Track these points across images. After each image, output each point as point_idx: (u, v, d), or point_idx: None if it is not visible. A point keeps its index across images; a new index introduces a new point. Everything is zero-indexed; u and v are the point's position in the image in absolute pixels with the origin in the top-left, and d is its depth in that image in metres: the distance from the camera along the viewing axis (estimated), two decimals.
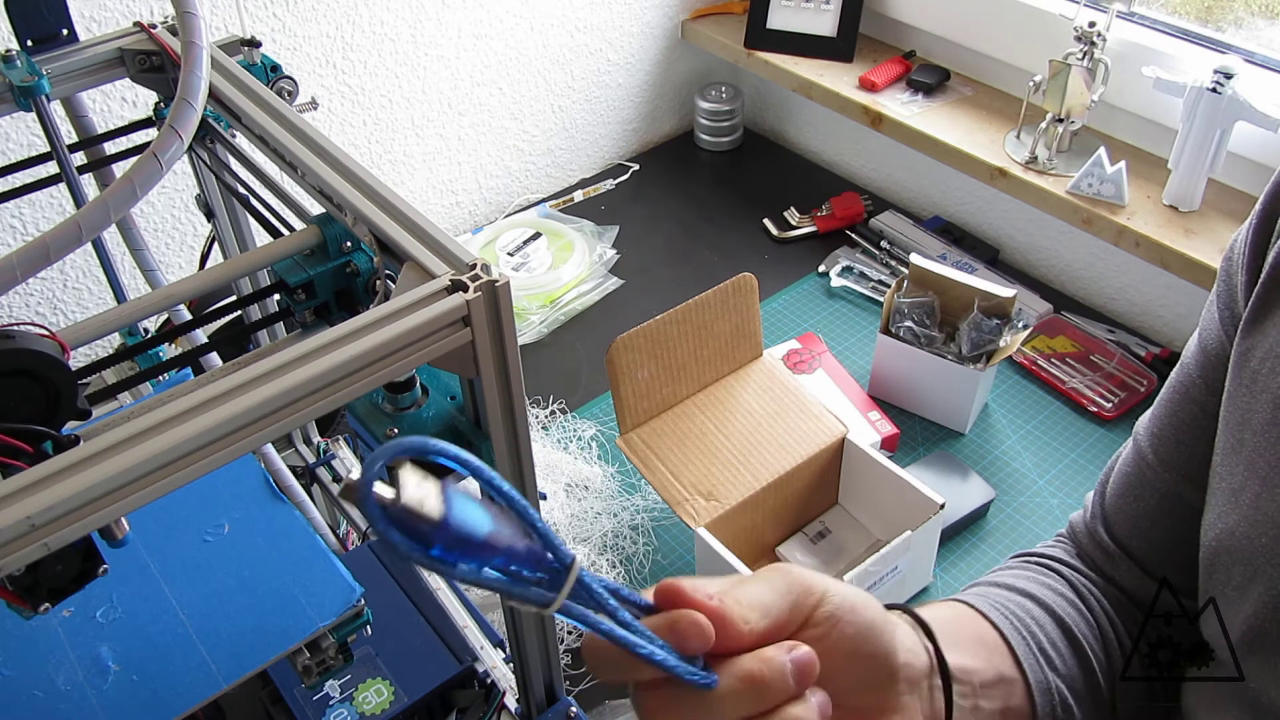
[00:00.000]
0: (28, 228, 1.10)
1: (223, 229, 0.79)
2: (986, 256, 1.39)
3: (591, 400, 1.22)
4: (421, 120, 1.38)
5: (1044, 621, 0.58)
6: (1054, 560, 0.65)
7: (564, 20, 1.46)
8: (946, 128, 1.31)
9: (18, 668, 0.58)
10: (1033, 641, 0.56)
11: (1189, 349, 0.59)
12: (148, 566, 0.62)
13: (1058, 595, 0.61)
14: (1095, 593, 0.62)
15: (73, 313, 1.18)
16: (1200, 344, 0.58)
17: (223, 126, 0.66)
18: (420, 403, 0.52)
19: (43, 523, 0.37)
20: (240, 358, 0.48)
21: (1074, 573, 0.64)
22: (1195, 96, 1.08)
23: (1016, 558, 0.68)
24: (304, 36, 1.21)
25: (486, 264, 0.47)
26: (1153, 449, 0.61)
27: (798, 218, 1.47)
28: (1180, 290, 1.23)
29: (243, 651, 0.59)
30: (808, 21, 1.46)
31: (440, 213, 1.49)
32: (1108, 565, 0.64)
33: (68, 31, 0.66)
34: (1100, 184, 1.17)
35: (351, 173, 0.54)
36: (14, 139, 1.05)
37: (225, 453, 0.41)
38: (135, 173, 0.54)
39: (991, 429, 1.16)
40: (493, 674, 0.73)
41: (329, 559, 0.63)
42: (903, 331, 1.12)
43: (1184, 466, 0.58)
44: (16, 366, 0.42)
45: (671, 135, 1.72)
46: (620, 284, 1.37)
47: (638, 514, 1.07)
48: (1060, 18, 1.22)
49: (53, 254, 0.50)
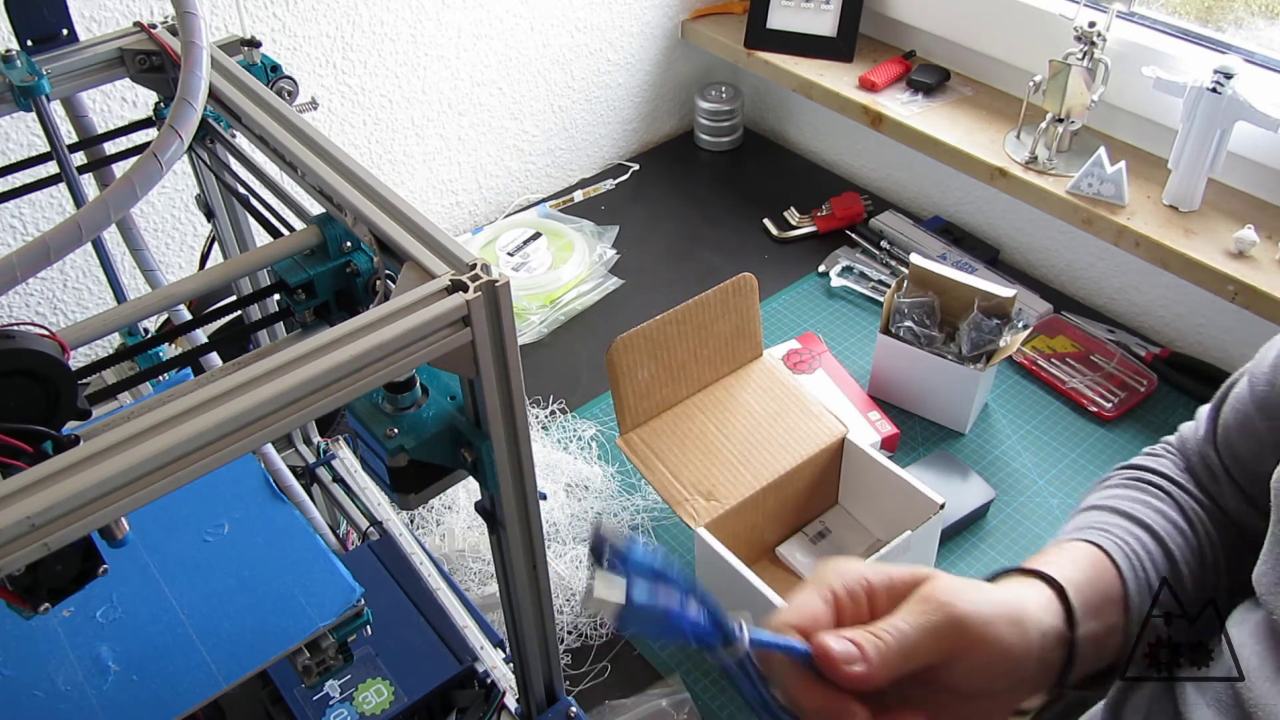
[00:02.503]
0: (28, 228, 1.10)
1: (223, 229, 0.79)
2: (986, 256, 1.39)
3: (591, 400, 1.22)
4: (421, 120, 1.38)
5: (1158, 559, 0.59)
6: (1163, 478, 0.66)
7: (564, 20, 1.46)
8: (946, 128, 1.31)
9: (18, 668, 0.58)
10: (1145, 583, 0.57)
11: None
12: (148, 566, 0.62)
13: (1170, 525, 0.62)
14: (1201, 516, 0.63)
15: (73, 313, 1.18)
16: None
17: (223, 126, 0.66)
18: (420, 403, 0.52)
19: (43, 523, 0.37)
20: (240, 358, 0.48)
21: (1182, 493, 0.64)
22: (1195, 96, 1.08)
23: (1125, 470, 0.68)
24: (304, 36, 1.21)
25: (486, 264, 0.47)
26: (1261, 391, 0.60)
27: (798, 218, 1.47)
28: (1180, 290, 1.23)
29: (243, 651, 0.59)
30: (808, 21, 1.46)
31: (440, 213, 1.49)
32: (1212, 485, 0.64)
33: (68, 31, 0.66)
34: (1100, 184, 1.17)
35: (351, 173, 0.54)
36: (14, 139, 1.05)
37: (225, 453, 0.41)
38: (135, 173, 0.54)
39: (991, 429, 1.16)
40: (493, 674, 0.73)
41: (329, 559, 0.63)
42: (903, 331, 1.12)
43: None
44: (16, 366, 0.42)
45: (671, 135, 1.72)
46: (620, 284, 1.37)
47: (638, 514, 1.07)
48: (1060, 18, 1.22)
49: (53, 254, 0.50)
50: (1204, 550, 0.62)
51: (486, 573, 1.00)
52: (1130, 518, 0.62)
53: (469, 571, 1.00)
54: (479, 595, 0.98)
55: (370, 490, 0.89)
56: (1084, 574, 0.56)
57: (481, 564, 1.00)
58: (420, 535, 0.90)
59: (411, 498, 0.52)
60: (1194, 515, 0.63)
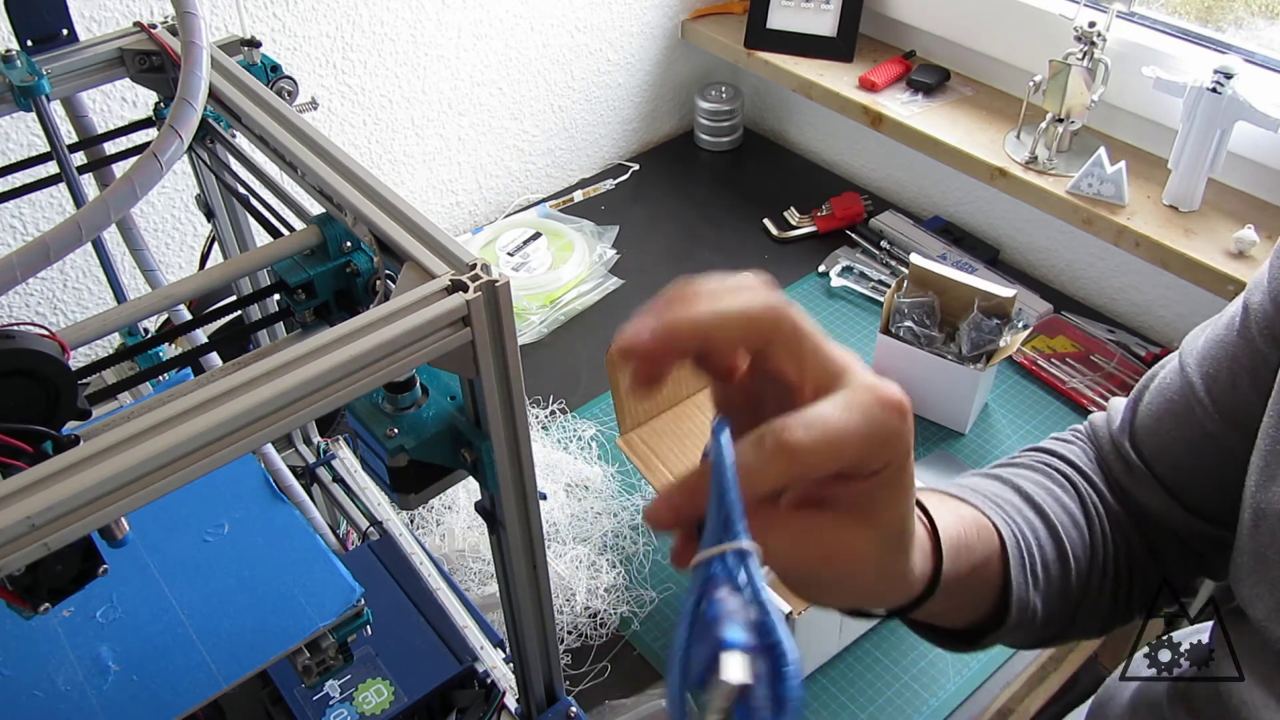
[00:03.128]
0: (28, 228, 1.10)
1: (223, 229, 0.79)
2: (986, 256, 1.39)
3: (591, 400, 1.22)
4: (421, 120, 1.38)
5: (1045, 543, 0.58)
6: (1071, 467, 0.64)
7: (564, 20, 1.46)
8: (946, 128, 1.31)
9: (18, 668, 0.58)
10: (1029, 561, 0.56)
11: (1256, 293, 0.57)
12: (148, 566, 0.62)
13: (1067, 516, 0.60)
14: (1102, 514, 0.62)
15: (73, 313, 1.18)
16: (1272, 295, 0.56)
17: (223, 126, 0.66)
18: (420, 403, 0.52)
19: (43, 523, 0.37)
20: (240, 358, 0.48)
21: (1087, 486, 0.63)
22: (1195, 96, 1.08)
23: (1033, 452, 0.66)
24: (304, 36, 1.21)
25: (486, 264, 0.47)
26: (1204, 386, 0.59)
27: (798, 218, 1.47)
28: (1180, 290, 1.23)
29: (243, 651, 0.59)
30: (808, 21, 1.46)
31: (440, 213, 1.49)
32: (1127, 479, 0.63)
33: (68, 31, 0.66)
34: (1100, 184, 1.17)
35: (351, 173, 0.54)
36: (14, 139, 1.05)
37: (225, 453, 0.41)
38: (135, 173, 0.54)
39: (991, 429, 1.16)
40: (493, 674, 0.73)
41: (329, 559, 0.63)
42: (903, 331, 1.12)
43: (1235, 413, 0.57)
44: (16, 366, 0.42)
45: (671, 135, 1.72)
46: (620, 284, 1.37)
47: (638, 514, 1.07)
48: (1060, 18, 1.22)
49: (53, 254, 0.50)
50: (1095, 551, 0.60)
51: (486, 573, 1.00)
52: (1026, 498, 0.60)
53: (469, 571, 1.00)
54: (479, 595, 0.98)
55: (370, 490, 0.89)
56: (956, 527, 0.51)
57: (481, 564, 1.00)
58: (420, 535, 0.90)
59: (411, 498, 0.52)
60: (1094, 511, 0.62)
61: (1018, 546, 0.56)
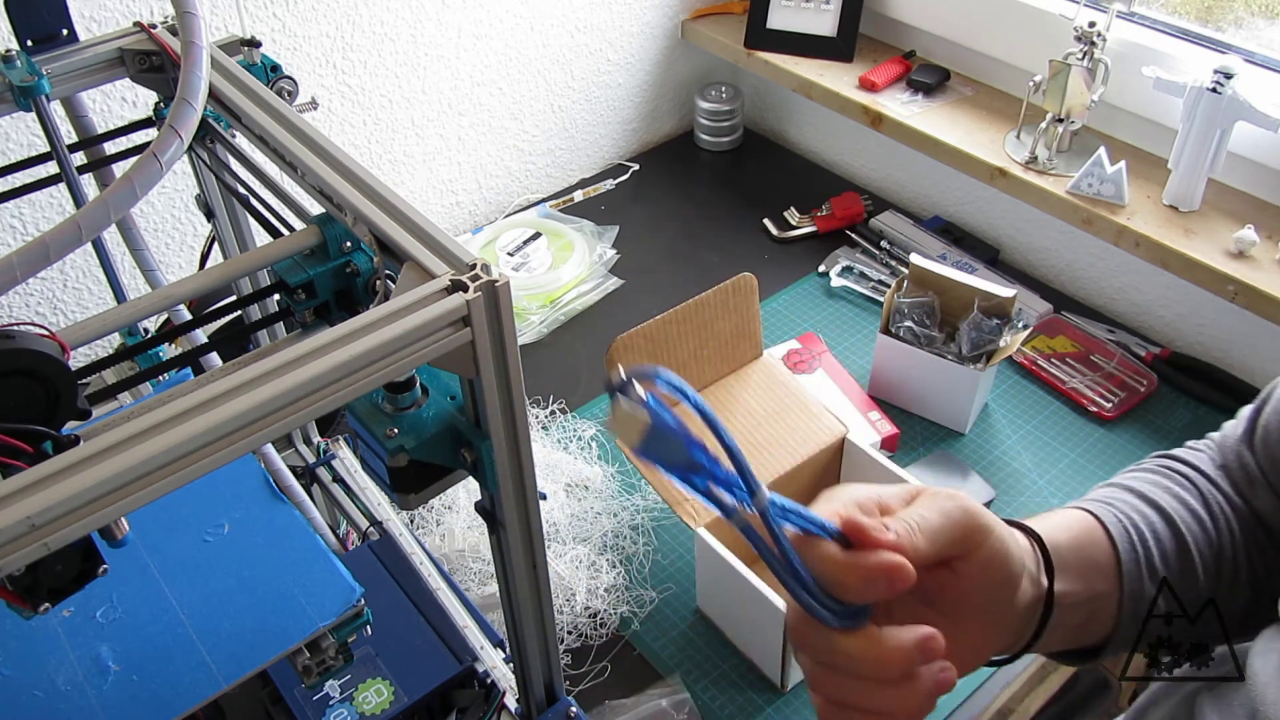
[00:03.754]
0: (28, 228, 1.10)
1: (223, 229, 0.79)
2: (986, 256, 1.39)
3: (591, 400, 1.22)
4: (421, 120, 1.38)
5: (1164, 539, 0.58)
6: (1193, 469, 0.65)
7: (564, 20, 1.46)
8: (946, 128, 1.31)
9: (18, 668, 0.58)
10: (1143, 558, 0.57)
11: None
12: (148, 566, 0.62)
13: (1186, 511, 0.60)
14: (1226, 511, 0.62)
15: (73, 313, 1.18)
16: None
17: (223, 126, 0.66)
18: (420, 403, 0.52)
19: (43, 523, 0.37)
20: (240, 358, 0.48)
21: (1210, 486, 0.63)
22: (1195, 96, 1.08)
23: (1158, 457, 0.67)
24: (304, 36, 1.21)
25: (486, 264, 0.47)
26: None
27: (798, 218, 1.47)
28: (1180, 290, 1.23)
29: (243, 651, 0.59)
30: (808, 21, 1.46)
31: (440, 213, 1.49)
32: (1246, 487, 0.63)
33: (68, 31, 0.66)
34: (1100, 184, 1.17)
35: (351, 173, 0.54)
36: (14, 139, 1.05)
37: (225, 453, 0.41)
38: (135, 173, 0.54)
39: (991, 429, 1.16)
40: (493, 674, 0.73)
41: (329, 559, 0.63)
42: (903, 331, 1.12)
43: None
44: (16, 366, 0.42)
45: (671, 135, 1.72)
46: (620, 284, 1.37)
47: (638, 514, 1.07)
48: (1060, 18, 1.22)
49: (53, 254, 0.50)
50: (1223, 545, 0.60)
51: (486, 573, 1.00)
52: (1141, 496, 0.61)
53: (469, 571, 1.00)
54: (479, 595, 0.98)
55: (370, 490, 0.89)
56: (1068, 535, 0.55)
57: (481, 564, 1.00)
58: (420, 535, 0.90)
59: (411, 498, 0.52)
60: (1217, 507, 0.62)
61: (1126, 536, 0.56)
